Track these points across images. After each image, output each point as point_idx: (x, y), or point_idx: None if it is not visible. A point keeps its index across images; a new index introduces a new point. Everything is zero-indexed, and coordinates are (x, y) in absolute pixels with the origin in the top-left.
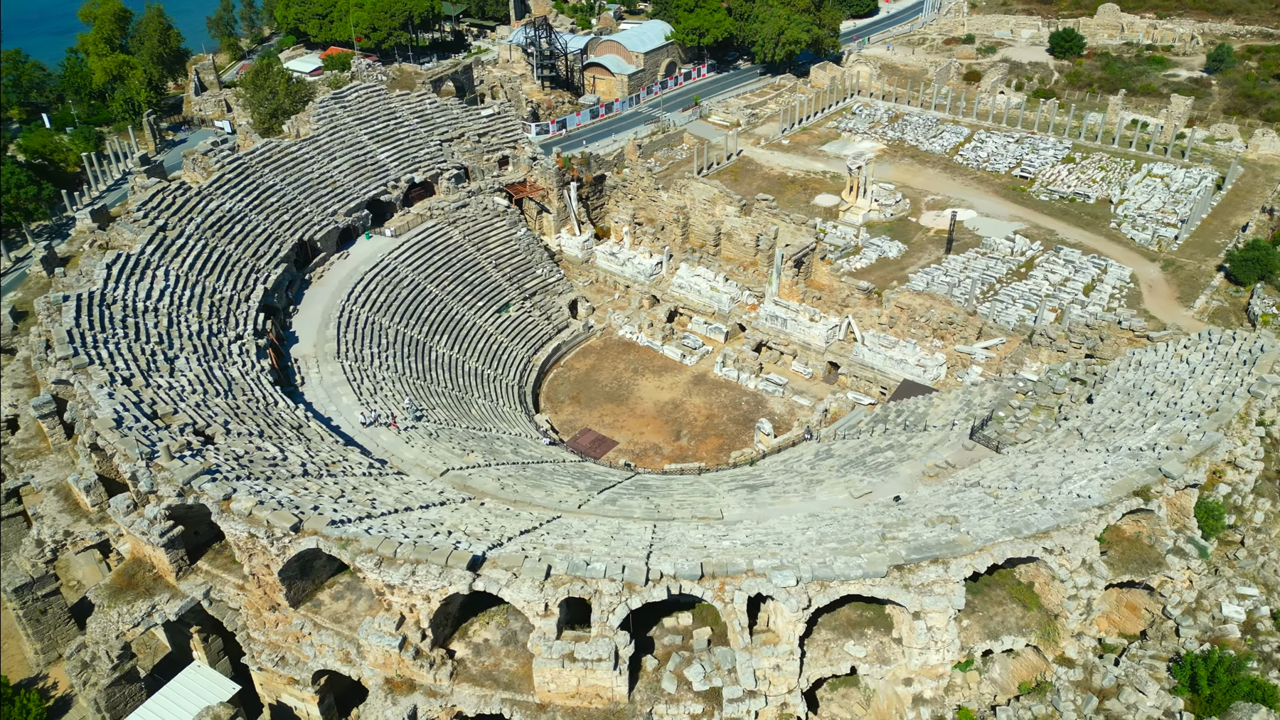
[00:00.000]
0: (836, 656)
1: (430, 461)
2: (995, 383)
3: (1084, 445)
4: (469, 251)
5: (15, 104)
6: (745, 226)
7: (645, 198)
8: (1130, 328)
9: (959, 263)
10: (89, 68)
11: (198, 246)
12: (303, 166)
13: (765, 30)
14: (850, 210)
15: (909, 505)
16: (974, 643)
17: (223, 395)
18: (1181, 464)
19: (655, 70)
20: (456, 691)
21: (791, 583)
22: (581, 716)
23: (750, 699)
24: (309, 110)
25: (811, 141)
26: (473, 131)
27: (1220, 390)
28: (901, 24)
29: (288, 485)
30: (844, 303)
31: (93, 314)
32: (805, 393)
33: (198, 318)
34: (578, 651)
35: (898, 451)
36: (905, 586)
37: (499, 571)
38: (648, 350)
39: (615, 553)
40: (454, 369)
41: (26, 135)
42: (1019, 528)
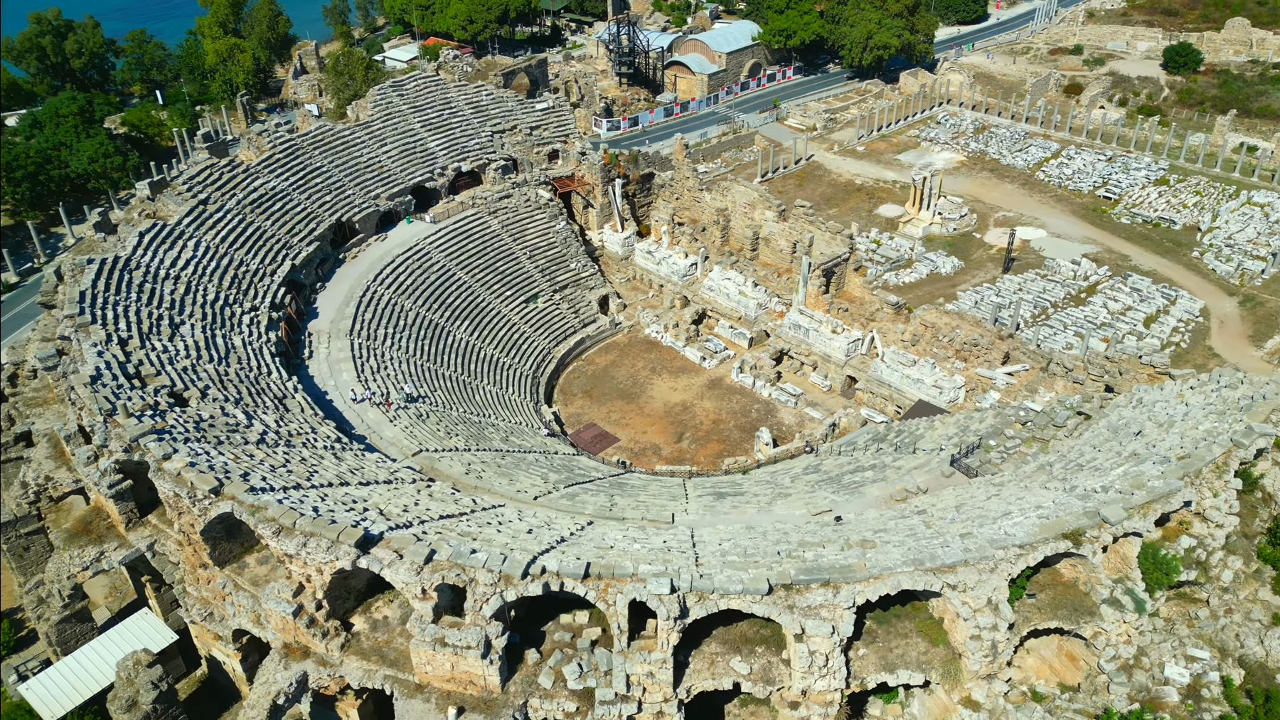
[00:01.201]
0: (720, 671)
1: (406, 442)
2: (998, 410)
3: (1046, 482)
4: (505, 241)
5: (137, 80)
6: (783, 232)
7: (689, 198)
8: (1150, 363)
9: (1014, 283)
10: (203, 49)
11: (234, 221)
12: (352, 150)
13: (854, 34)
14: (910, 222)
15: (848, 526)
16: (868, 673)
17: (216, 362)
18: (1124, 510)
19: (738, 71)
20: (346, 663)
21: (665, 590)
22: (457, 700)
23: (623, 703)
24: (368, 96)
25: (888, 150)
26: (526, 124)
27: (1204, 436)
28: (1009, 32)
29: (234, 451)
30: (871, 316)
31: (112, 277)
32: (819, 405)
33: (217, 288)
34: (449, 637)
35: (877, 472)
36: (789, 607)
37: (386, 552)
38: (669, 351)
39: (522, 545)
40: (469, 355)
41: (130, 110)
42: (922, 559)
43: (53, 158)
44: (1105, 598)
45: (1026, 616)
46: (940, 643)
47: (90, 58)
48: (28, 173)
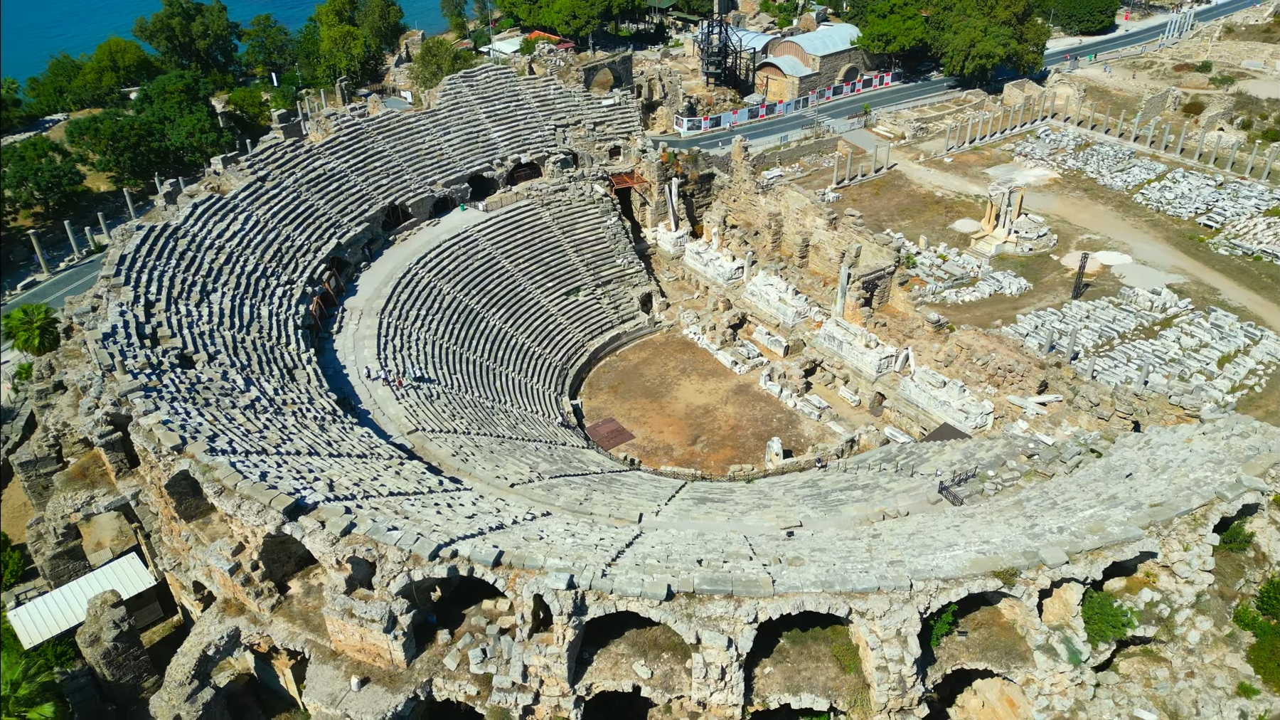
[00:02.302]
0: (623, 672)
1: (406, 420)
2: (1009, 440)
3: (1013, 518)
4: (554, 234)
5: (259, 63)
6: (831, 241)
7: (746, 200)
8: (1179, 404)
9: (1082, 309)
10: (320, 36)
11: (288, 198)
12: (415, 137)
13: (956, 41)
14: (984, 239)
15: (795, 541)
16: (771, 693)
17: (236, 329)
18: (1064, 553)
19: (833, 75)
20: (274, 623)
21: (561, 585)
22: (365, 670)
23: (519, 692)
24: (439, 86)
25: (977, 163)
26: (590, 119)
27: (1191, 484)
28: (1135, 45)
29: (215, 414)
30: (909, 333)
31: (157, 244)
32: (844, 420)
33: (258, 260)
34: (355, 609)
35: (866, 492)
36: (688, 615)
37: (311, 521)
38: (703, 353)
39: (449, 529)
40: (500, 341)
41: (235, 90)
42: (833, 581)
43: (155, 131)
44: (1040, 644)
45: (953, 654)
46: (852, 670)
47: (215, 39)
48: (129, 143)
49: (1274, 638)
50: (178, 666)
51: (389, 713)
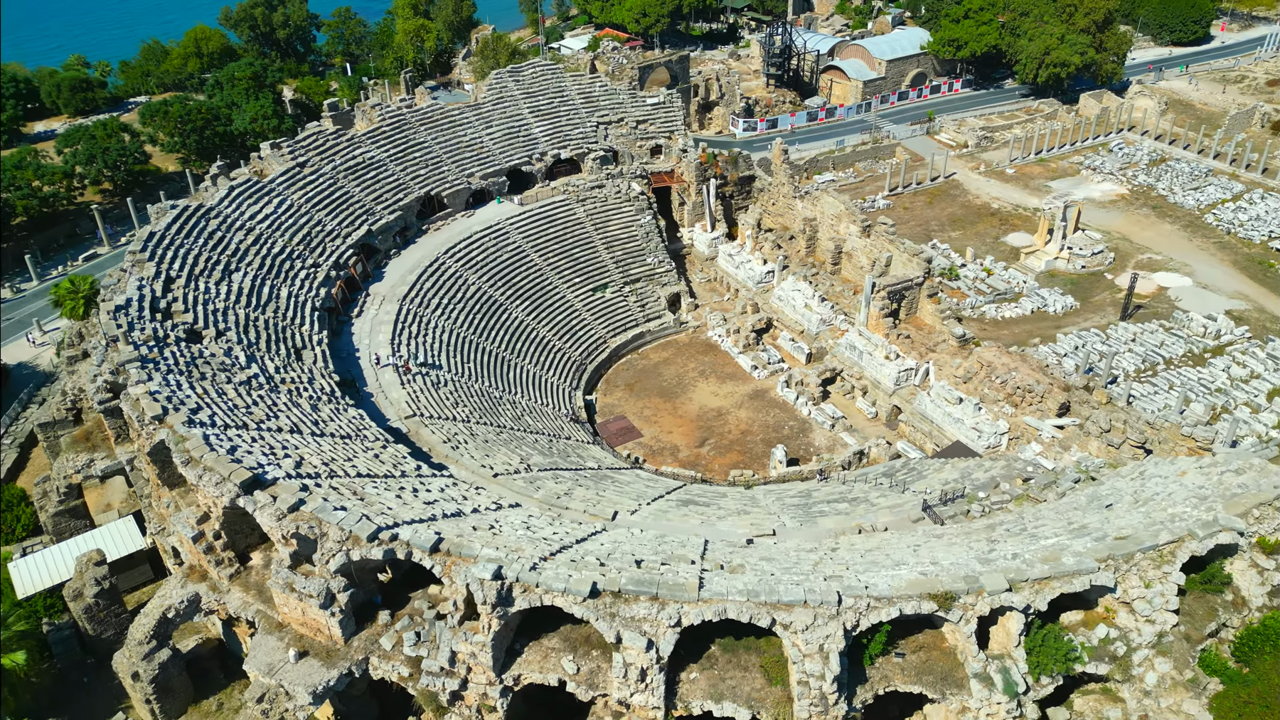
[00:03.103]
0: (550, 666)
1: (405, 406)
2: (1008, 462)
3: (974, 541)
4: (587, 230)
5: (338, 54)
6: (864, 249)
7: (784, 204)
8: (1191, 435)
9: (1129, 332)
10: (395, 28)
11: (324, 184)
12: (457, 129)
13: (1030, 48)
14: (1034, 254)
15: (751, 549)
16: (695, 698)
17: (252, 308)
18: (1006, 580)
19: (899, 79)
20: (231, 592)
21: (487, 575)
22: (307, 644)
23: (447, 677)
24: (486, 80)
25: (1041, 175)
26: (633, 117)
27: (1167, 519)
28: (1229, 57)
29: (205, 387)
30: (932, 347)
31: (188, 223)
32: (858, 432)
33: (286, 242)
34: (296, 584)
35: (853, 505)
36: (611, 615)
37: (265, 496)
38: (725, 356)
39: (398, 513)
40: (520, 333)
41: (302, 79)
42: (759, 591)
43: (221, 115)
44: (976, 672)
45: (887, 674)
46: (778, 683)
47: (295, 30)
48: (196, 126)
49: (1241, 687)
50: (139, 626)
51: (320, 686)
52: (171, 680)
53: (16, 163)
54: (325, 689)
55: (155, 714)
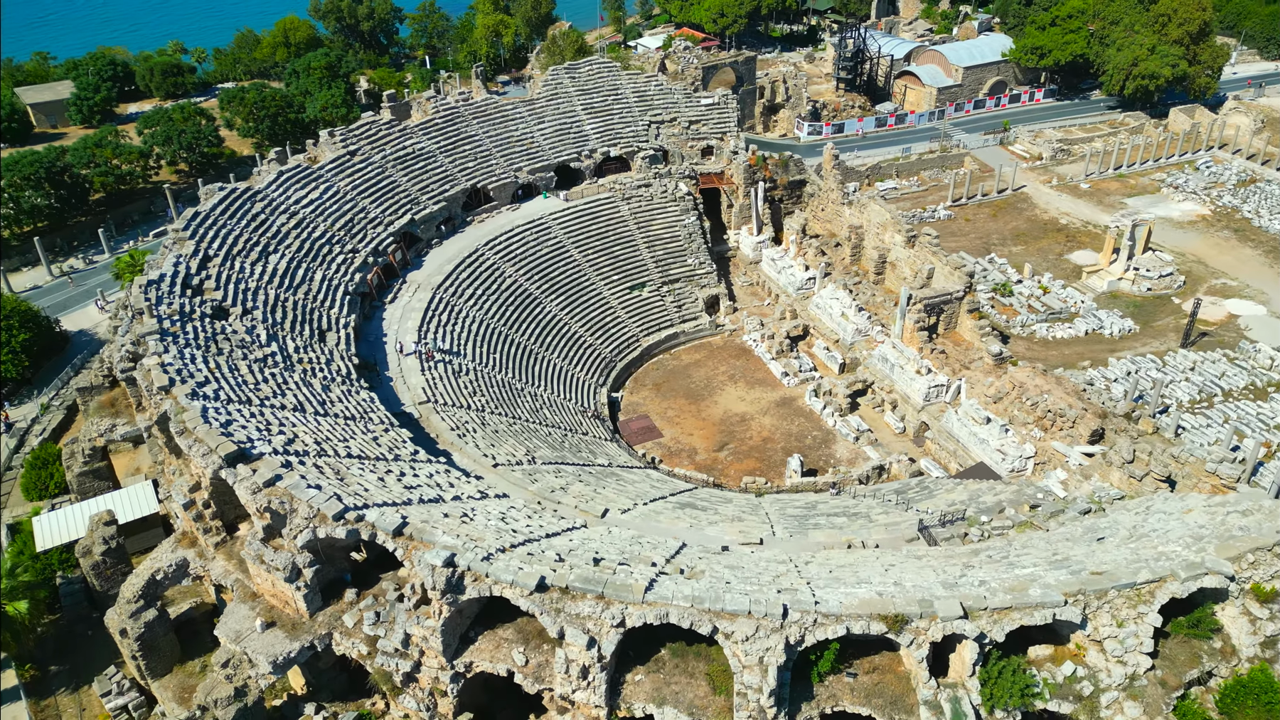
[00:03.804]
0: (501, 656)
1: (420, 395)
2: (1018, 487)
3: (949, 565)
4: (630, 228)
5: (421, 46)
6: (908, 259)
7: (832, 210)
8: (1215, 472)
9: (1188, 360)
10: (476, 23)
11: (372, 172)
12: (509, 124)
13: (1118, 59)
14: (1097, 273)
15: (718, 556)
16: (638, 700)
17: (285, 288)
18: (961, 607)
19: (976, 87)
20: (215, 560)
21: (439, 562)
22: (275, 615)
23: (400, 658)
24: (544, 76)
25: (1118, 191)
26: (687, 117)
27: (1155, 557)
28: None
29: (218, 361)
30: (966, 364)
31: (233, 205)
32: (883, 446)
33: (327, 227)
34: (265, 556)
35: (851, 520)
36: (556, 610)
37: (246, 470)
38: (757, 361)
39: (373, 496)
40: (552, 327)
41: (377, 70)
42: (704, 598)
43: (295, 103)
44: (926, 699)
45: (835, 693)
46: (722, 692)
47: (378, 22)
48: (269, 113)
49: None
50: (129, 585)
51: (281, 656)
52: (158, 639)
53: (98, 141)
54: (286, 659)
55: (141, 670)
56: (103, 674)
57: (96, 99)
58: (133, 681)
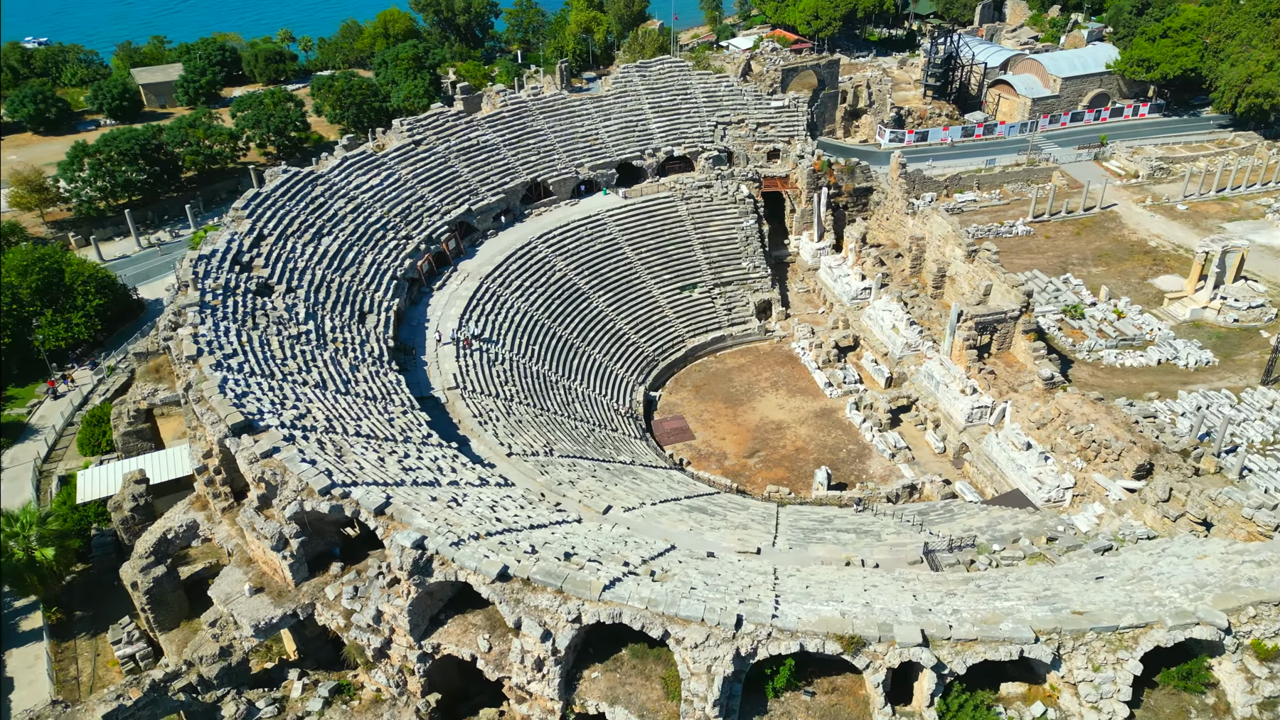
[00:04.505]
0: (467, 641)
1: (450, 381)
2: (1041, 518)
3: (931, 590)
4: (686, 228)
5: (516, 40)
6: (966, 274)
7: (896, 220)
8: (1252, 518)
9: (1266, 399)
10: (569, 19)
11: (434, 162)
12: (575, 120)
13: (1231, 74)
14: (1180, 300)
15: (696, 561)
16: (591, 698)
17: (333, 269)
18: (919, 632)
19: (1075, 99)
20: (221, 524)
21: (408, 543)
22: (265, 582)
23: (372, 634)
24: (613, 73)
25: (1218, 215)
26: (755, 119)
27: (1146, 601)
28: None
29: (251, 335)
30: (1015, 386)
31: (294, 188)
32: (920, 465)
33: (384, 212)
34: (256, 524)
35: (859, 537)
36: (516, 600)
37: (249, 441)
38: (802, 369)
39: (366, 475)
40: (596, 323)
41: (462, 64)
42: (659, 601)
43: (380, 91)
44: None
45: (789, 710)
46: (675, 698)
47: (474, 16)
48: (354, 100)
49: None
50: (142, 542)
51: (263, 622)
52: (166, 594)
53: (192, 121)
54: (268, 625)
55: (149, 622)
56: (117, 623)
57: (202, 82)
58: (142, 633)
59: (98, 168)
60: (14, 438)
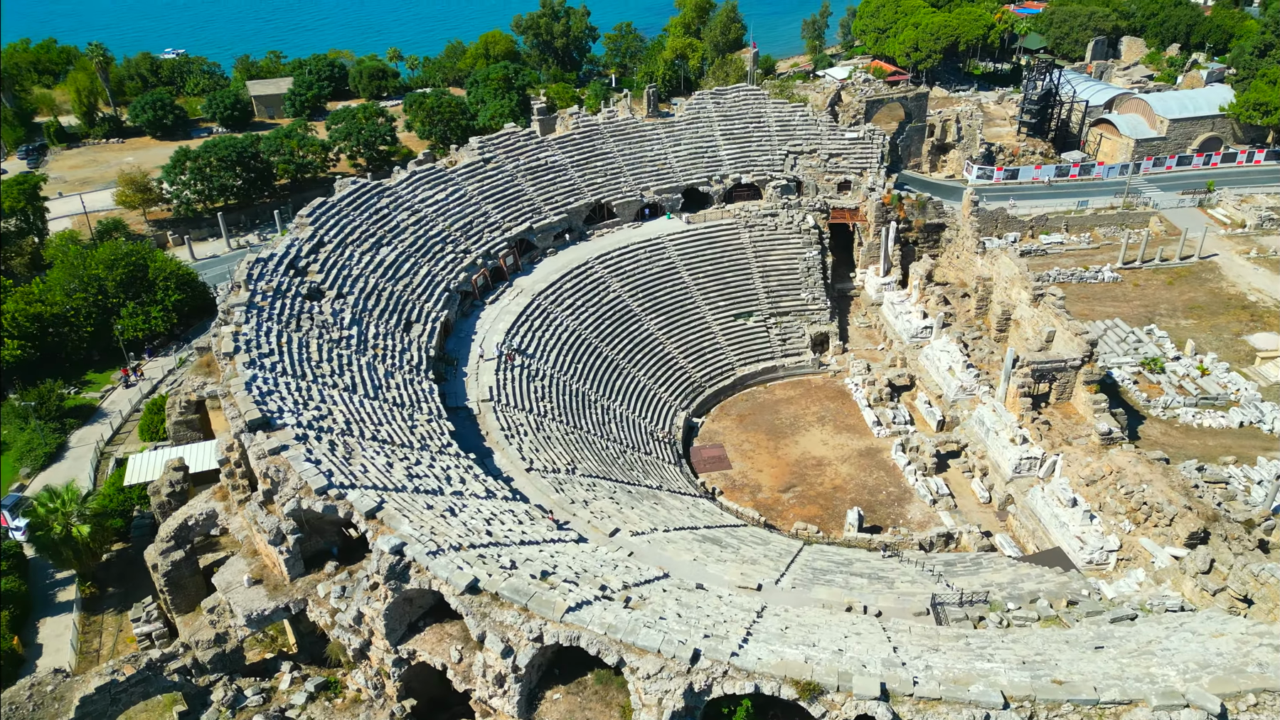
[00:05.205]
0: (440, 650)
1: (485, 393)
2: (1067, 580)
3: (917, 642)
4: (747, 256)
5: (614, 64)
6: (1031, 319)
7: (966, 259)
8: None
9: None
10: (665, 45)
11: (501, 180)
12: (644, 144)
13: None
14: (1275, 360)
15: (691, 593)
16: (550, 717)
17: (389, 279)
18: (881, 687)
19: (1184, 142)
20: (235, 516)
21: (387, 548)
22: (266, 574)
23: (352, 634)
24: (689, 99)
25: None
26: (828, 150)
27: (1138, 677)
28: None
29: (291, 336)
30: (1070, 439)
31: (360, 199)
32: (960, 513)
33: (445, 226)
34: (258, 517)
35: (870, 582)
36: (483, 614)
37: (263, 438)
38: (852, 406)
39: (366, 479)
40: (644, 345)
41: (551, 85)
42: (618, 628)
43: (469, 110)
44: None
45: None
46: None
47: (572, 40)
48: (443, 118)
49: None
50: (166, 527)
51: (255, 612)
52: (183, 578)
53: (288, 132)
54: (260, 616)
55: (166, 604)
56: (140, 602)
57: (308, 95)
58: (160, 613)
59: (198, 172)
60: (84, 419)
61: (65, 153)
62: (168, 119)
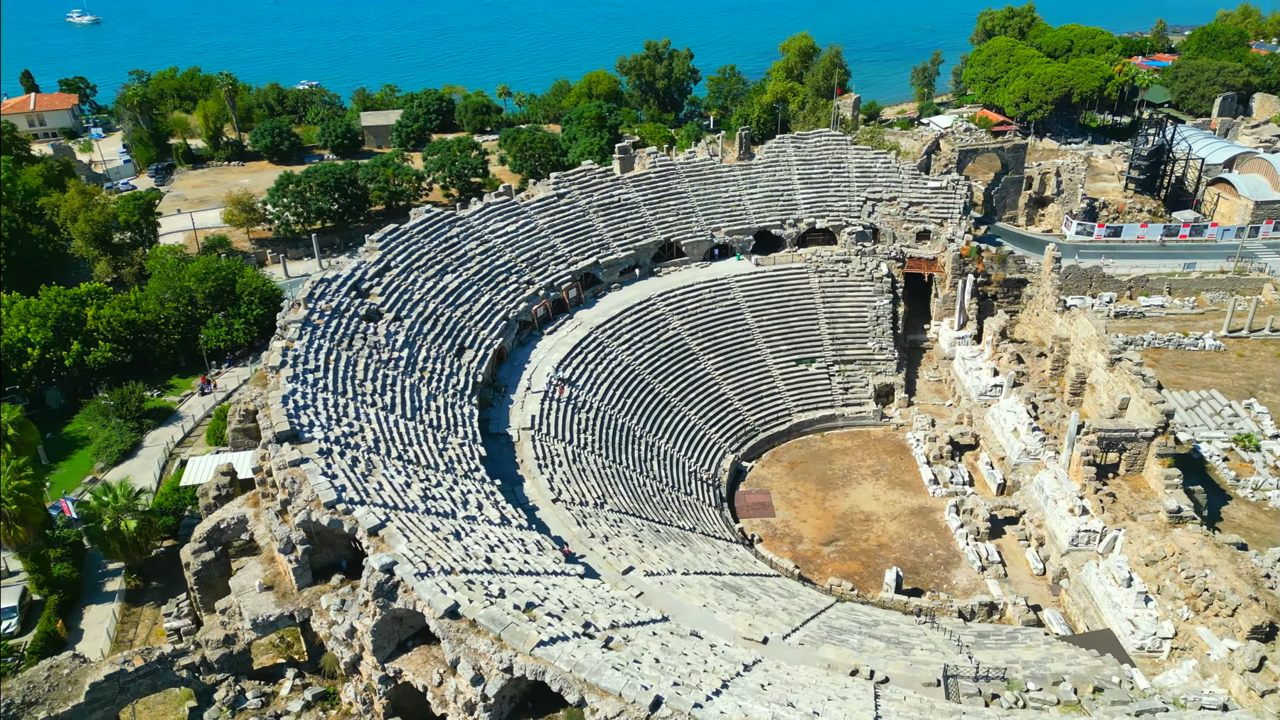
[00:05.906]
0: (424, 672)
1: (527, 421)
2: (1100, 665)
3: (906, 714)
4: (813, 301)
5: (715, 106)
6: (1106, 383)
7: (1045, 317)
8: None
9: None
10: (767, 88)
11: (573, 215)
12: (719, 185)
13: None
14: None
15: (680, 640)
16: None
17: (450, 305)
18: None
19: None
20: (259, 517)
21: (378, 566)
22: (278, 581)
23: (344, 647)
24: (767, 144)
25: None
26: (908, 198)
27: None
28: None
29: (342, 353)
30: (1135, 514)
31: (431, 227)
32: (1009, 583)
33: (512, 257)
34: (273, 526)
35: (888, 646)
36: (459, 640)
37: (285, 449)
38: (910, 462)
39: (379, 498)
40: (698, 382)
41: (642, 124)
42: (587, 666)
43: (560, 146)
44: None
45: None
46: None
47: (673, 81)
48: (534, 152)
49: None
50: (200, 528)
51: (261, 617)
52: (213, 578)
53: (385, 161)
54: (266, 621)
55: (196, 601)
56: (175, 598)
57: (414, 126)
58: (191, 610)
59: (298, 195)
60: (160, 421)
61: (190, 173)
62: (284, 145)
